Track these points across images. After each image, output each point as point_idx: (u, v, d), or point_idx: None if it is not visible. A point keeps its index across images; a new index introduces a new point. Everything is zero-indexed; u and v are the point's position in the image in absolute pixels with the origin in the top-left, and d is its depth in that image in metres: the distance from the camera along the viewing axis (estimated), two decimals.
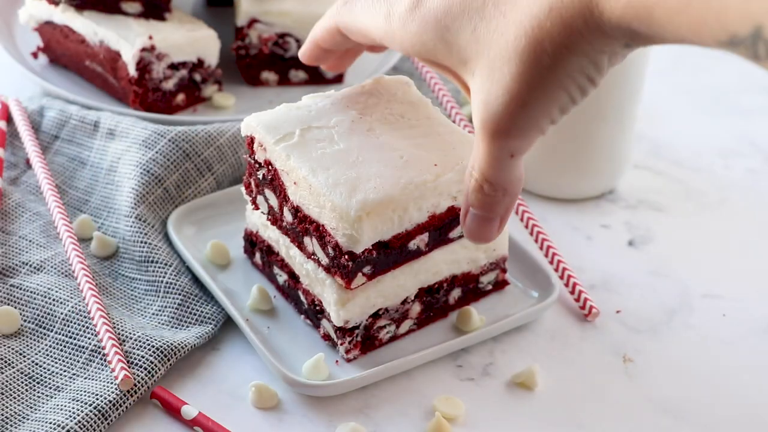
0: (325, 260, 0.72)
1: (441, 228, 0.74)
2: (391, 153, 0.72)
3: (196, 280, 0.84)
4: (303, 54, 0.76)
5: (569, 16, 0.56)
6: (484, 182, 0.64)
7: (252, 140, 0.74)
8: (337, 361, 0.77)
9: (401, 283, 0.76)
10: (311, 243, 0.73)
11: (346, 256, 0.69)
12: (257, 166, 0.74)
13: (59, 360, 0.76)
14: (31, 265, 0.82)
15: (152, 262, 0.83)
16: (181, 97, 1.02)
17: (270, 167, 0.73)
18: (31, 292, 0.80)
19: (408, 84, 0.79)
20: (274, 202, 0.74)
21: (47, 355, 0.76)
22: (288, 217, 0.73)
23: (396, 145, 0.73)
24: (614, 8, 0.54)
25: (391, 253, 0.72)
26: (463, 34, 0.62)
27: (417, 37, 0.65)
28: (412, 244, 0.73)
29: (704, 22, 0.50)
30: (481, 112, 0.61)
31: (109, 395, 0.72)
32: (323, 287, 0.75)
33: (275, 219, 0.76)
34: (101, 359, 0.75)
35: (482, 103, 0.61)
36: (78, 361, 0.76)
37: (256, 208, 0.77)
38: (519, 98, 0.59)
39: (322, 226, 0.70)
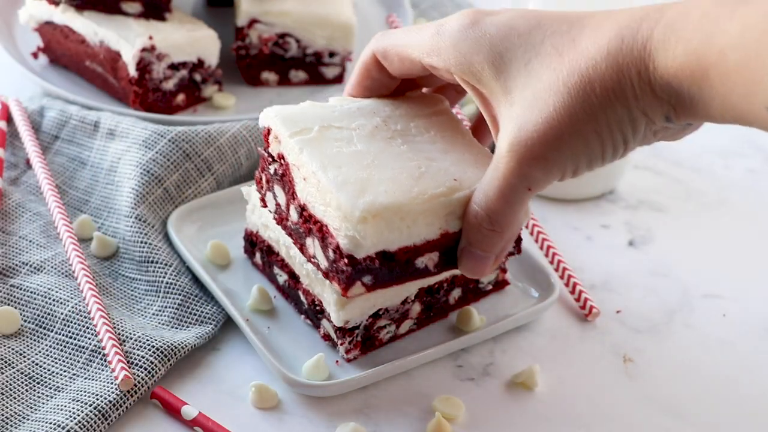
0: (324, 264, 0.69)
1: (453, 249, 0.69)
2: (410, 162, 0.69)
3: (196, 280, 0.84)
4: (346, 90, 0.76)
5: (624, 63, 0.57)
6: (486, 218, 0.64)
7: (268, 132, 0.71)
8: (337, 361, 0.77)
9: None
10: (313, 244, 0.70)
11: (346, 260, 0.66)
12: (270, 159, 0.72)
13: (59, 360, 0.76)
14: (31, 266, 0.82)
15: (152, 262, 0.83)
16: (181, 98, 1.02)
17: (282, 161, 0.70)
18: (31, 292, 0.80)
19: (442, 102, 0.76)
20: (282, 199, 0.72)
21: (47, 355, 0.76)
22: (293, 215, 0.71)
23: (416, 156, 0.70)
24: (669, 66, 0.56)
25: (396, 267, 0.68)
26: (516, 64, 0.62)
27: (466, 57, 0.64)
28: (420, 262, 0.69)
29: (759, 81, 0.51)
30: (513, 136, 0.61)
31: (109, 395, 0.72)
32: (323, 287, 0.75)
33: (281, 218, 0.73)
34: (101, 359, 0.75)
35: (516, 128, 0.61)
36: (78, 362, 0.76)
37: (264, 205, 0.75)
38: (557, 129, 0.59)
39: (326, 226, 0.67)
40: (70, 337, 0.77)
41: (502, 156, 0.62)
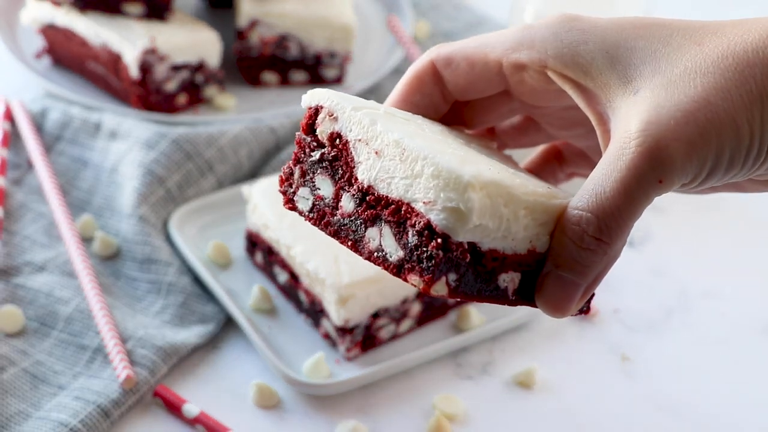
0: (398, 254, 0.55)
1: (533, 276, 0.56)
2: (496, 161, 0.59)
3: (197, 279, 0.84)
4: (388, 100, 0.64)
5: None
6: (595, 221, 0.52)
7: (316, 112, 0.59)
8: (337, 360, 0.78)
9: (401, 282, 0.77)
10: (378, 235, 0.57)
11: (439, 241, 0.52)
12: (314, 145, 0.60)
13: (62, 359, 0.76)
14: (34, 265, 0.83)
15: (154, 261, 0.83)
16: (182, 98, 1.03)
17: (337, 141, 0.59)
18: (34, 291, 0.80)
19: (493, 142, 0.68)
20: (327, 191, 0.60)
21: (50, 353, 0.77)
22: (347, 206, 0.58)
23: (497, 160, 0.60)
24: None
25: (481, 275, 0.55)
26: (638, 53, 0.55)
27: (570, 47, 0.56)
28: (502, 280, 0.56)
29: None
30: (648, 115, 0.51)
31: (111, 394, 0.73)
32: (323, 287, 0.76)
33: (321, 215, 0.60)
34: (104, 358, 0.76)
35: (651, 108, 0.52)
36: (81, 360, 0.76)
37: (292, 207, 0.61)
38: (708, 110, 0.51)
39: (407, 205, 0.55)
40: (73, 336, 0.78)
41: (631, 139, 0.51)
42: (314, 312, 0.79)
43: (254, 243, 0.85)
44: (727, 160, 0.52)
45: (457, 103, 0.64)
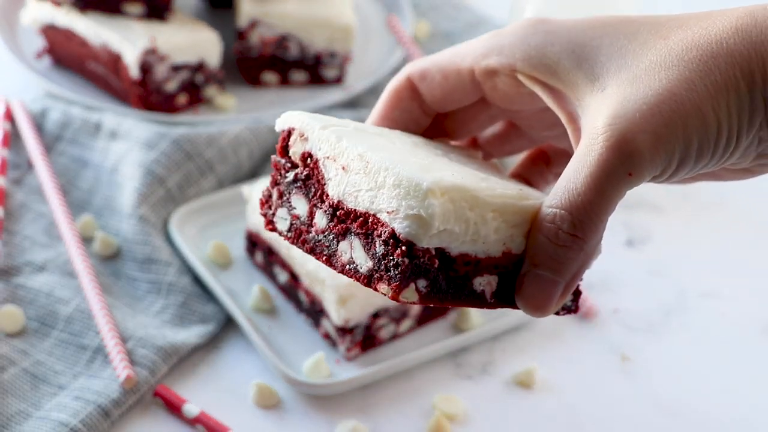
0: (367, 264, 0.56)
1: (512, 278, 0.57)
2: (467, 169, 0.60)
3: (197, 279, 0.84)
4: (369, 120, 0.66)
5: (759, 41, 0.52)
6: (568, 218, 0.52)
7: (288, 134, 0.61)
8: (337, 360, 0.78)
9: None
10: (349, 248, 0.58)
11: (403, 248, 0.53)
12: (288, 166, 0.62)
13: (62, 358, 0.76)
14: (34, 265, 0.83)
15: (154, 261, 0.84)
16: (182, 98, 1.03)
17: (308, 160, 0.60)
18: (35, 291, 0.80)
19: (477, 152, 0.68)
20: (302, 209, 0.61)
21: (50, 353, 0.77)
22: (320, 222, 0.60)
23: (470, 167, 0.61)
24: None
25: (454, 280, 0.56)
26: (604, 50, 0.56)
27: (537, 50, 0.57)
28: (478, 283, 0.56)
29: None
30: (614, 110, 0.52)
31: (112, 393, 0.73)
32: (323, 287, 0.76)
33: (298, 234, 0.62)
34: (104, 358, 0.76)
35: (616, 103, 0.53)
36: (81, 360, 0.76)
37: (272, 228, 0.63)
38: (672, 101, 0.52)
39: (373, 216, 0.56)
40: (73, 336, 0.78)
41: (599, 134, 0.52)
42: (314, 312, 0.79)
43: (254, 243, 0.85)
44: (695, 149, 0.52)
45: (438, 116, 0.65)
